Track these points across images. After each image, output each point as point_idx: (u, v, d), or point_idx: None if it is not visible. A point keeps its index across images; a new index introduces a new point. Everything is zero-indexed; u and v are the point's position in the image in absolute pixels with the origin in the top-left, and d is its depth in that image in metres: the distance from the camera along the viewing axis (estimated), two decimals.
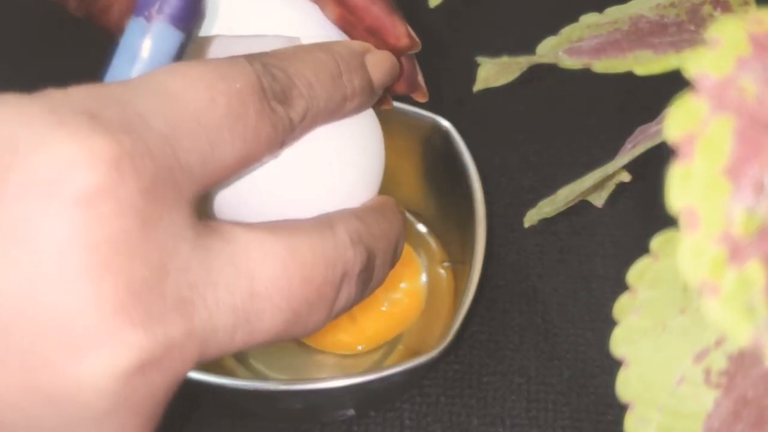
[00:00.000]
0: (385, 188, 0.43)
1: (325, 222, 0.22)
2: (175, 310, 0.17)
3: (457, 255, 0.38)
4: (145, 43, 0.24)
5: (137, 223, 0.17)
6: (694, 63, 0.15)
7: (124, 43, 0.24)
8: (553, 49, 0.26)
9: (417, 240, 0.42)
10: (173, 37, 0.24)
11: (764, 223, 0.14)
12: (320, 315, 0.21)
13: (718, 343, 0.20)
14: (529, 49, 0.27)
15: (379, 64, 0.25)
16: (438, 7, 0.29)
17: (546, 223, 0.33)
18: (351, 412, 0.36)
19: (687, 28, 0.24)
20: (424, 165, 0.40)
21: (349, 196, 0.25)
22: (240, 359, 0.38)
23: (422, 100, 0.30)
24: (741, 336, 0.14)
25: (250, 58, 0.21)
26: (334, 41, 0.25)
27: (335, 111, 0.23)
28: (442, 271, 0.40)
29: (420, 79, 0.29)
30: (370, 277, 0.23)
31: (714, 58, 0.15)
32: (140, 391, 0.17)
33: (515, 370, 0.38)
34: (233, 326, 0.18)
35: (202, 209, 0.24)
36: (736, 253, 0.14)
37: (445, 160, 0.38)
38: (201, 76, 0.19)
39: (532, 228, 0.34)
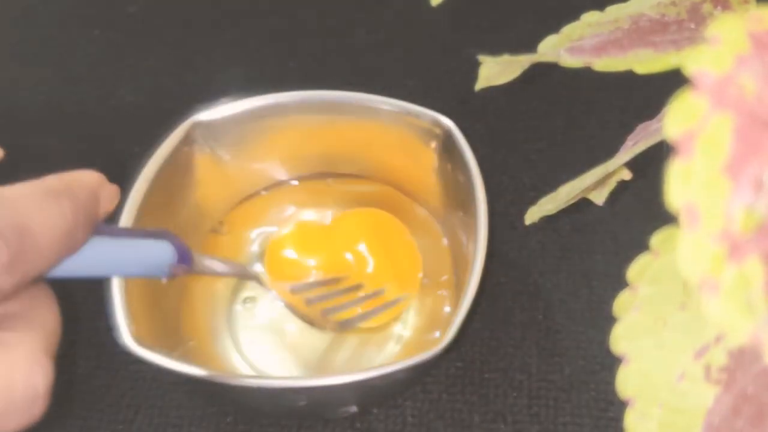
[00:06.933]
0: (385, 186, 0.44)
1: None
2: None
3: (462, 263, 0.38)
4: (141, 271, 0.29)
5: None
6: (693, 61, 0.15)
7: (136, 249, 0.28)
8: (554, 48, 0.26)
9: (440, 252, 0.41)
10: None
11: (763, 220, 0.15)
12: None
13: (718, 339, 0.20)
14: (531, 47, 0.27)
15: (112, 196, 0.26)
16: (439, 6, 0.29)
17: (547, 220, 0.34)
18: (354, 408, 0.36)
19: (687, 27, 0.24)
20: (426, 163, 0.40)
21: None
22: (242, 357, 0.38)
23: None
24: (740, 333, 0.14)
25: None
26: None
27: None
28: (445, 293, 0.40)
29: None
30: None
31: (714, 56, 0.15)
32: None
33: (516, 366, 0.38)
34: None
35: None
36: (735, 250, 0.14)
37: (447, 158, 0.38)
38: None
39: (534, 225, 0.34)
